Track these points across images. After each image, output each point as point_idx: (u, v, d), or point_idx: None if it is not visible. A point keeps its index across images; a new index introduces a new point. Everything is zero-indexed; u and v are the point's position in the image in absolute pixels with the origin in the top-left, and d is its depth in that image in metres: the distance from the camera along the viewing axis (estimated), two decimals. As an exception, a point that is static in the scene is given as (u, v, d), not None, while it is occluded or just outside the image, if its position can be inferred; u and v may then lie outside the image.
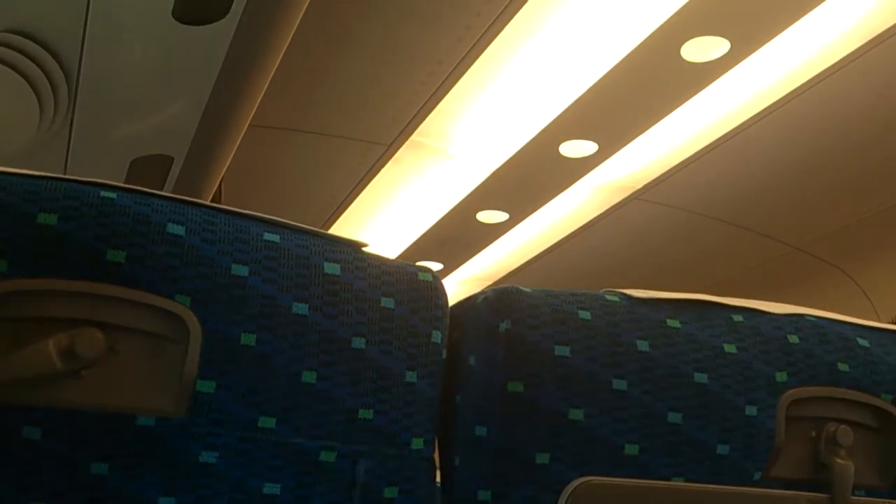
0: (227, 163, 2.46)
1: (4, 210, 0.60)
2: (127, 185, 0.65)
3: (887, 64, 2.55)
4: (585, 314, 0.75)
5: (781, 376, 0.78)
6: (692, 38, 2.46)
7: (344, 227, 3.87)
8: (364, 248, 0.73)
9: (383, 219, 3.88)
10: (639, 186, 3.41)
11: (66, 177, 0.64)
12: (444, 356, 0.73)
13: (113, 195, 0.64)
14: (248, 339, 0.64)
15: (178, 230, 0.64)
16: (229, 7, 1.67)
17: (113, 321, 0.61)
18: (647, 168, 3.27)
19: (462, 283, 4.45)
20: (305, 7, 1.93)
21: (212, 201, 2.78)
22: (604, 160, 3.18)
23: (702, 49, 2.51)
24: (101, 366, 0.61)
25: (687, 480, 0.75)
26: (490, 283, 4.45)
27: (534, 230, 3.88)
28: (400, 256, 4.08)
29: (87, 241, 0.61)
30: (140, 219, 0.63)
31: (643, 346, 0.75)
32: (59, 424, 0.60)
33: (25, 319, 0.60)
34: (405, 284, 0.72)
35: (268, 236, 0.68)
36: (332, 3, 2.38)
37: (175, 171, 2.30)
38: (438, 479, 0.75)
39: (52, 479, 0.60)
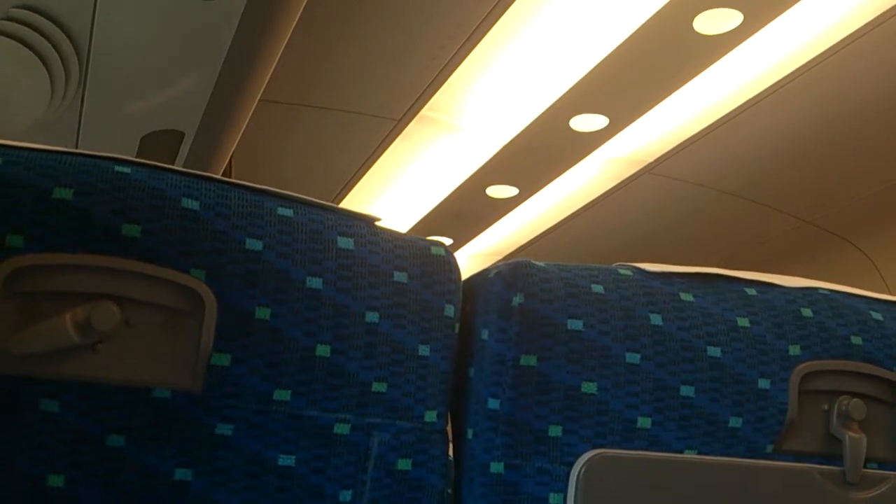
0: (238, 138, 2.46)
1: (21, 185, 0.60)
2: (141, 160, 0.66)
3: (902, 36, 2.53)
4: (598, 288, 0.75)
5: (794, 349, 0.78)
6: (705, 10, 2.43)
7: (354, 202, 3.87)
8: (377, 223, 0.73)
9: (393, 193, 3.87)
10: (650, 160, 3.39)
11: (81, 151, 0.64)
12: (456, 330, 0.73)
13: (127, 170, 0.64)
14: (263, 312, 0.65)
15: (193, 205, 0.64)
16: (240, -19, 1.67)
17: (129, 295, 0.62)
18: (658, 142, 3.26)
19: (472, 258, 4.46)
20: (315, -20, 1.92)
21: (223, 176, 2.79)
22: (615, 134, 3.17)
23: (714, 21, 2.49)
24: (117, 339, 0.61)
25: (699, 453, 0.75)
26: (500, 257, 4.45)
27: (544, 205, 3.87)
28: (410, 231, 4.08)
29: (102, 215, 0.61)
30: (155, 193, 0.63)
31: (656, 319, 0.75)
32: (76, 397, 0.61)
33: (42, 294, 0.60)
34: (418, 259, 0.72)
35: (281, 211, 0.68)
36: (342, -24, 2.37)
37: (186, 146, 2.30)
38: (451, 451, 0.75)
39: (69, 451, 0.60)
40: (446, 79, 2.86)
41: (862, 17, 2.46)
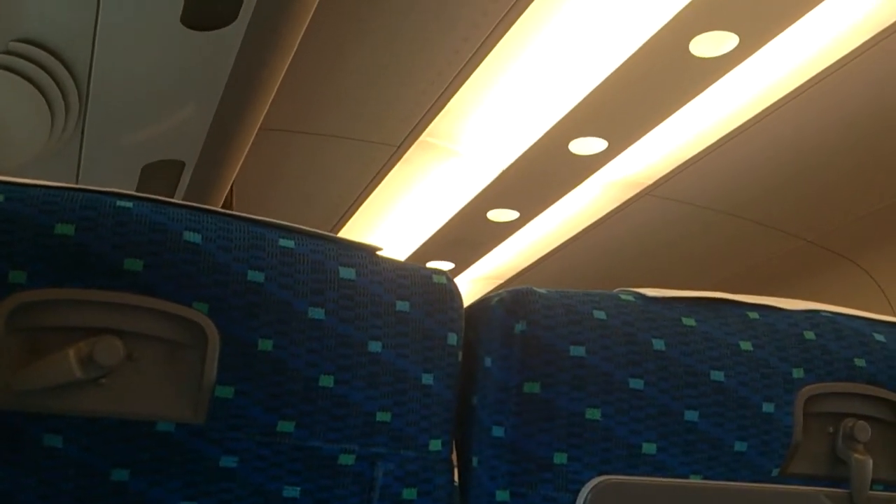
0: (239, 166, 2.47)
1: (22, 222, 0.61)
2: (142, 195, 0.66)
3: (898, 55, 2.54)
4: (600, 314, 0.75)
5: (798, 373, 0.78)
6: (701, 33, 2.45)
7: (354, 228, 3.87)
8: (378, 252, 0.73)
9: (394, 219, 3.88)
10: (649, 182, 3.40)
11: (83, 187, 0.64)
12: (459, 358, 0.73)
13: (129, 204, 0.64)
14: (266, 344, 0.65)
15: (195, 238, 0.65)
16: (238, 12, 1.68)
17: (131, 329, 0.62)
18: (657, 164, 3.27)
19: (473, 282, 4.46)
20: (314, 10, 1.93)
21: (223, 204, 2.80)
22: (614, 157, 3.18)
23: (711, 44, 2.50)
24: (120, 373, 0.61)
25: (704, 478, 0.75)
26: (501, 281, 4.45)
27: (545, 228, 3.87)
28: (411, 256, 4.09)
29: (104, 250, 0.62)
30: (156, 227, 0.64)
31: (659, 344, 0.75)
32: (79, 432, 0.60)
33: (45, 329, 0.60)
34: (420, 287, 0.72)
35: (283, 242, 0.68)
36: (339, 3, 2.38)
37: (187, 175, 2.31)
38: (456, 479, 0.75)
39: (73, 486, 0.60)
40: (445, 104, 2.87)
41: (857, 37, 2.48)
